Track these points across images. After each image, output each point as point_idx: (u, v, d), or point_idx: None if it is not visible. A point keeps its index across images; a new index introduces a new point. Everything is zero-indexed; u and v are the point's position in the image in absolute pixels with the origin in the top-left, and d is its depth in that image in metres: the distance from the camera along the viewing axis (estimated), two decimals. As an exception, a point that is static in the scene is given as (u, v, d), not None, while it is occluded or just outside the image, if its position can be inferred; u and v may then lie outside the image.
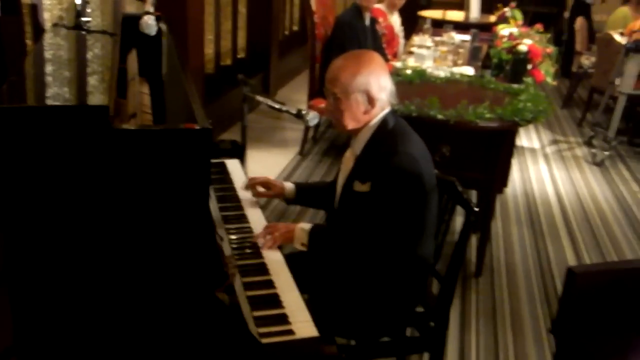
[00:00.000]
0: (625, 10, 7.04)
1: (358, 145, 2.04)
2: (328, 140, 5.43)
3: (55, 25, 2.13)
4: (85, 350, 1.48)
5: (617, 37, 5.92)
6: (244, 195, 2.31)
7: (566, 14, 9.04)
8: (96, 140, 1.31)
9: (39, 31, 3.03)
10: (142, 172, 1.35)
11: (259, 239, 1.98)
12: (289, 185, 2.31)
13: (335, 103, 1.97)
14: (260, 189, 2.30)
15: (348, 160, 2.10)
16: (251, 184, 2.31)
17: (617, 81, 5.45)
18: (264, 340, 1.52)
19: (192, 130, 1.35)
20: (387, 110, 2.01)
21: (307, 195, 2.34)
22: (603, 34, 6.29)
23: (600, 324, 1.86)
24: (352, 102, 1.94)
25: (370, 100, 1.95)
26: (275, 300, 1.70)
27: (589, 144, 5.76)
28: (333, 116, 2.02)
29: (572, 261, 3.67)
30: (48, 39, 1.98)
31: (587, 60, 6.84)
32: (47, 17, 2.87)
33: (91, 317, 1.45)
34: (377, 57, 2.00)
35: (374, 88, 1.94)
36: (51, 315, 1.44)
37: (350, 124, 1.99)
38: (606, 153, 5.33)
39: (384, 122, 1.99)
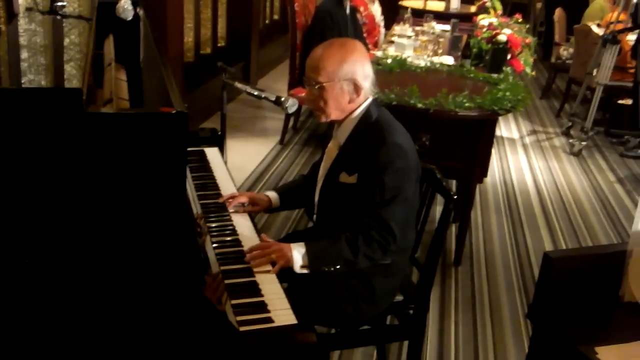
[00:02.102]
0: (601, 1, 7.11)
1: (342, 135, 2.01)
2: (309, 129, 5.42)
3: (29, 9, 2.08)
4: (58, 335, 1.45)
5: (595, 29, 5.98)
6: (224, 183, 2.29)
7: (539, 5, 9.19)
8: (69, 124, 1.28)
9: (12, 16, 2.96)
10: (117, 157, 1.33)
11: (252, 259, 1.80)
12: (273, 196, 2.19)
13: (319, 92, 1.91)
14: (246, 207, 2.13)
15: (331, 150, 2.07)
16: (235, 203, 2.12)
17: (594, 72, 5.51)
18: (242, 329, 1.51)
19: (167, 114, 1.33)
20: (370, 99, 1.98)
21: (290, 199, 2.24)
22: (581, 25, 6.35)
23: (576, 308, 1.89)
24: (338, 90, 1.90)
25: (356, 89, 1.92)
26: (254, 288, 1.69)
27: (566, 134, 5.82)
28: (315, 105, 1.96)
29: (549, 248, 3.70)
30: (23, 24, 1.94)
31: (565, 52, 6.90)
32: (21, 2, 2.81)
33: (64, 302, 1.42)
34: (360, 45, 1.97)
35: (360, 76, 1.91)
36: (23, 305, 1.41)
37: (334, 114, 1.96)
38: (583, 143, 5.39)
39: (367, 111, 1.97)
